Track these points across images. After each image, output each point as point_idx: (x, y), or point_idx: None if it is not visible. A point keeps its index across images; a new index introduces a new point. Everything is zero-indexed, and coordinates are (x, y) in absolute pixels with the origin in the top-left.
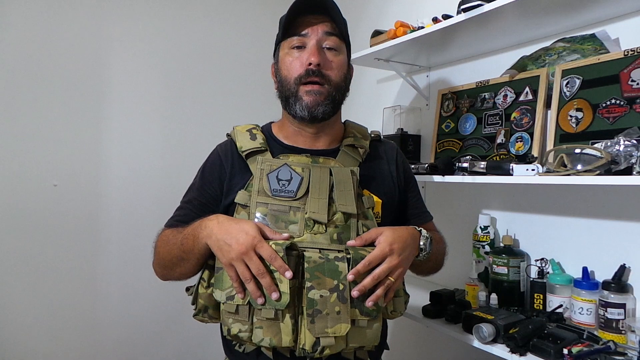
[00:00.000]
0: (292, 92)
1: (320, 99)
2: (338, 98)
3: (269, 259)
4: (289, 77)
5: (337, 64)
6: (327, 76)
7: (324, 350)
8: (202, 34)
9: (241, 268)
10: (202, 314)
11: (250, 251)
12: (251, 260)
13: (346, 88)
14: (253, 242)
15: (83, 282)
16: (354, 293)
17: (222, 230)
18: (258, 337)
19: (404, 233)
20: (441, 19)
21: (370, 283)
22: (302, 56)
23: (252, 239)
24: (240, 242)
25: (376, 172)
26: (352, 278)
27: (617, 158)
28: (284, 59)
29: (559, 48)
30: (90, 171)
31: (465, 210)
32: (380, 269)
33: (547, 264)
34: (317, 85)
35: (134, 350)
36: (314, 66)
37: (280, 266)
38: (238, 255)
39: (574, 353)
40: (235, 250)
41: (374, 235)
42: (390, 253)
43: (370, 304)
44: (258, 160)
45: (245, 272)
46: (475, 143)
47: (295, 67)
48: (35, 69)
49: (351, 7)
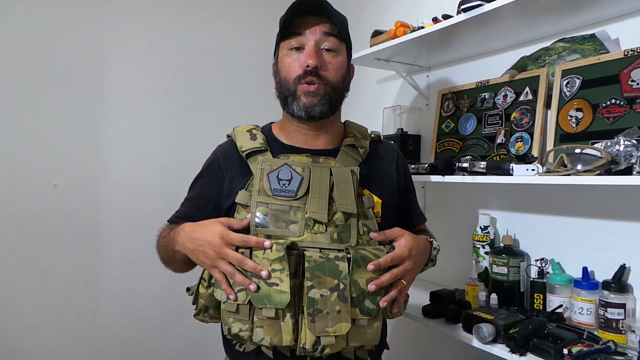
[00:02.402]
0: (290, 91)
1: (317, 99)
2: (335, 98)
3: (242, 244)
4: (287, 77)
5: (335, 65)
6: (325, 77)
7: (324, 350)
8: (202, 35)
9: (224, 266)
10: (203, 314)
11: (224, 247)
12: (228, 255)
13: (345, 88)
14: (223, 238)
15: (83, 282)
16: (371, 287)
17: (192, 241)
18: (259, 336)
19: (420, 242)
20: (441, 19)
21: (388, 280)
22: (300, 58)
23: (220, 236)
24: (212, 244)
25: (376, 172)
26: (373, 268)
27: (617, 158)
28: (283, 60)
29: (559, 48)
30: (91, 171)
31: (465, 210)
32: (399, 269)
33: (547, 264)
34: (314, 85)
35: (135, 350)
36: (312, 68)
37: (257, 242)
38: (216, 257)
39: (574, 353)
40: (211, 254)
41: (396, 233)
42: (409, 257)
43: (384, 304)
44: (258, 160)
45: (227, 267)
46: (475, 143)
47: (294, 68)
48: (35, 69)
49: (351, 7)
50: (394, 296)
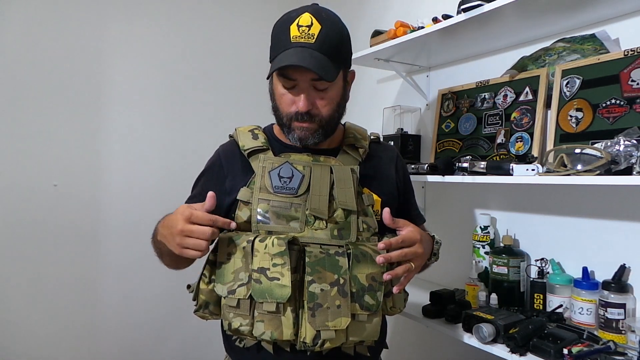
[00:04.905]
0: (284, 124)
1: (311, 132)
2: (330, 128)
3: (209, 222)
4: (280, 110)
5: (327, 101)
6: (317, 115)
7: (324, 344)
8: (202, 35)
9: (191, 242)
10: (203, 310)
11: (185, 225)
12: (191, 231)
13: (340, 114)
14: (185, 217)
15: (83, 282)
16: (379, 259)
17: (164, 225)
18: (259, 331)
19: (424, 234)
20: (441, 19)
21: (398, 257)
22: (291, 97)
23: (182, 215)
24: (175, 224)
25: (376, 171)
26: (384, 247)
27: (617, 158)
28: (277, 86)
29: (559, 48)
30: (91, 171)
31: (465, 210)
32: (409, 249)
33: (547, 264)
34: (307, 123)
35: (135, 350)
36: (302, 112)
37: (224, 222)
38: (179, 233)
39: (574, 353)
40: (175, 232)
41: (402, 223)
42: (419, 241)
43: (387, 277)
44: (260, 158)
45: (195, 242)
46: (475, 143)
47: (287, 102)
48: (35, 69)
49: (351, 7)
50: (399, 273)
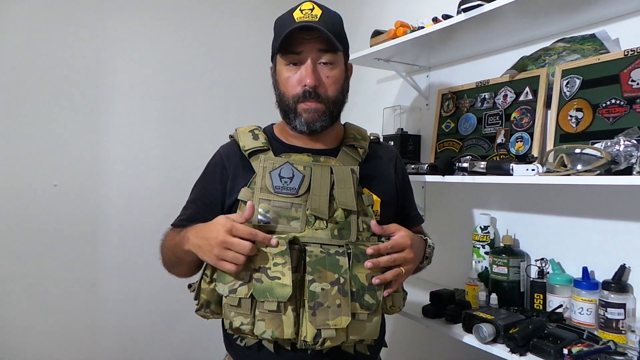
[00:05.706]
0: (290, 108)
1: (318, 115)
2: (336, 111)
3: (249, 236)
4: (286, 93)
5: (333, 79)
6: (324, 95)
7: (325, 342)
8: (203, 37)
9: (229, 255)
10: (205, 309)
11: (227, 236)
12: (232, 244)
13: (344, 97)
14: (226, 228)
15: (83, 282)
16: (367, 264)
17: (198, 235)
18: (260, 330)
19: (416, 238)
20: (441, 19)
21: (386, 263)
22: (297, 74)
23: (223, 227)
24: (214, 235)
25: (375, 172)
26: (372, 252)
27: (617, 158)
28: (281, 72)
29: (559, 48)
30: (91, 171)
31: (465, 210)
32: (398, 255)
33: (547, 264)
34: (314, 102)
35: (135, 349)
36: (310, 88)
37: (264, 238)
38: (218, 244)
39: (574, 353)
40: (214, 243)
41: (392, 229)
42: (410, 246)
43: (376, 282)
44: (261, 158)
45: (234, 255)
46: (475, 143)
47: (292, 84)
48: (35, 69)
49: (351, 7)
50: (388, 278)
